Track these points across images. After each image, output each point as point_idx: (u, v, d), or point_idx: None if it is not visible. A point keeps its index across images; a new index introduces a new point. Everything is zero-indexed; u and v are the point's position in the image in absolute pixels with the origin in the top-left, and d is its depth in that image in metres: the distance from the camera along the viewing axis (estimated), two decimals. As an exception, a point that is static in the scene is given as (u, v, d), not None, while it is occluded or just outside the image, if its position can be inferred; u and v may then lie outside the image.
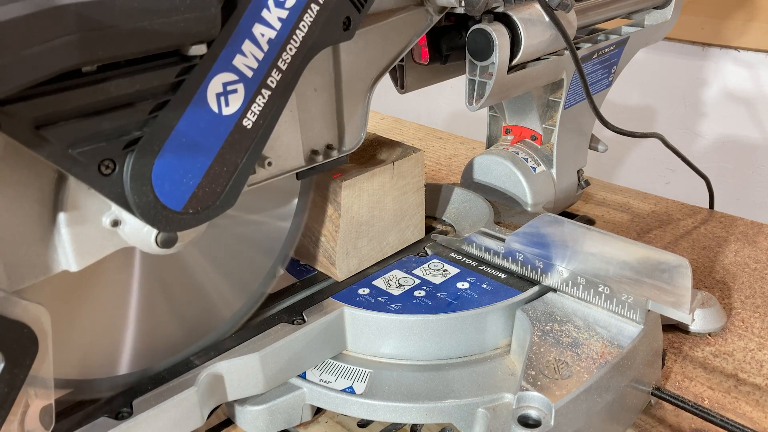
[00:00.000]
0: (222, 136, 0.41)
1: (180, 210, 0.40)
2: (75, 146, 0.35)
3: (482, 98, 0.60)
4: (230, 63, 0.39)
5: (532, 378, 0.48)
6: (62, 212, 0.39)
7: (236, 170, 0.42)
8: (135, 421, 0.45)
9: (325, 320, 0.54)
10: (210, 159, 0.41)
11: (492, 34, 0.58)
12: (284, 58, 0.42)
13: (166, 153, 0.39)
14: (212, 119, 0.40)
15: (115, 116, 0.36)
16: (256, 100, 0.41)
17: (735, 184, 1.08)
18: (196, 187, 0.40)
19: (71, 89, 0.34)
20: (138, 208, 0.38)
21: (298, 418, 0.53)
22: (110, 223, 0.40)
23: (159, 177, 0.39)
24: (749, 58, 1.02)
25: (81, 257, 0.40)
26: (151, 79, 0.36)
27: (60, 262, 0.40)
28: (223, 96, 0.40)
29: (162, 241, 0.41)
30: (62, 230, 0.39)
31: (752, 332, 0.65)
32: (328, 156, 0.53)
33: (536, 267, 0.58)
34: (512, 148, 0.73)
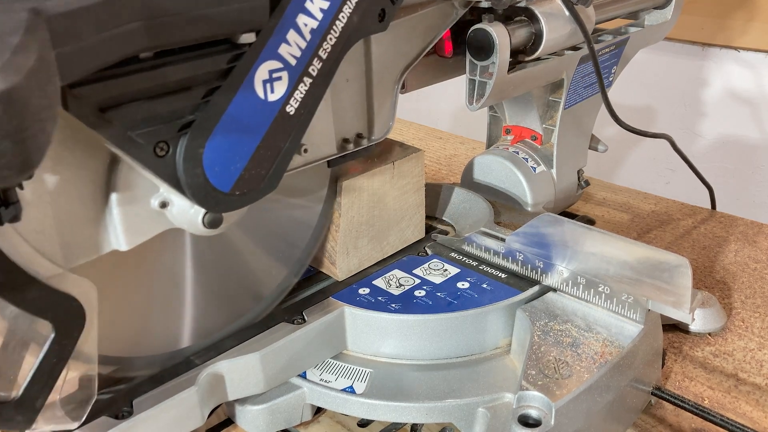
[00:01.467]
0: (267, 121, 0.42)
1: (228, 191, 0.42)
2: (134, 128, 0.37)
3: (482, 98, 0.60)
4: (276, 51, 0.41)
5: (533, 377, 0.48)
6: (114, 193, 0.40)
7: (279, 154, 0.44)
8: (135, 420, 0.45)
9: (325, 320, 0.54)
10: (256, 143, 0.42)
11: (492, 34, 0.58)
12: (325, 48, 0.43)
13: (217, 136, 0.40)
14: (258, 105, 0.41)
15: (172, 100, 0.38)
16: (298, 87, 0.43)
17: (735, 184, 1.08)
18: (243, 170, 0.42)
19: (133, 74, 0.36)
20: (189, 188, 0.40)
21: (298, 418, 0.53)
22: (158, 205, 0.42)
23: (209, 159, 0.40)
24: (749, 58, 1.02)
25: (130, 237, 0.42)
26: (205, 65, 0.38)
27: (110, 241, 0.42)
28: (269, 83, 0.41)
29: (209, 221, 0.43)
30: (114, 211, 0.41)
31: (752, 332, 0.65)
32: (359, 144, 0.55)
33: (536, 267, 0.58)
34: (512, 148, 0.73)
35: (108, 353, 0.47)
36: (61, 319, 0.37)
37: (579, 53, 0.68)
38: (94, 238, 0.41)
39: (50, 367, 0.38)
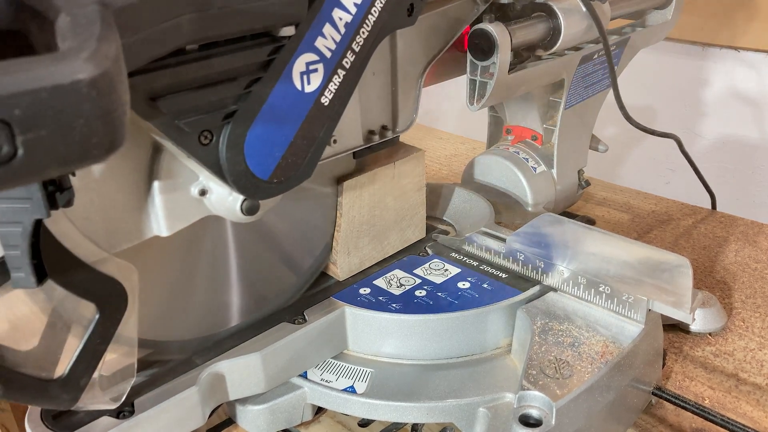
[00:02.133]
0: (304, 111, 0.44)
1: (266, 179, 0.44)
2: (181, 117, 0.39)
3: (483, 98, 0.61)
4: (313, 44, 0.43)
5: (533, 377, 0.48)
6: (157, 181, 0.42)
7: (314, 144, 0.45)
8: (136, 420, 0.45)
9: (326, 320, 0.54)
10: (293, 132, 0.44)
11: (493, 34, 0.58)
12: (357, 41, 0.45)
13: (257, 125, 0.42)
14: (296, 96, 0.43)
15: (216, 90, 0.40)
16: (332, 79, 0.45)
17: (735, 184, 1.08)
18: (281, 158, 0.44)
19: (181, 65, 0.37)
20: (231, 176, 0.42)
21: (299, 418, 0.54)
22: (198, 192, 0.44)
23: (250, 147, 0.42)
24: (749, 58, 1.02)
25: (171, 223, 0.43)
26: (248, 56, 0.40)
27: (152, 227, 0.43)
28: (305, 74, 0.43)
29: (247, 208, 0.45)
30: (156, 198, 0.42)
31: (752, 332, 0.65)
32: (384, 136, 0.57)
33: (537, 267, 0.58)
34: (513, 148, 0.73)
35: (144, 336, 0.48)
36: (105, 302, 0.39)
37: (579, 53, 0.69)
38: (136, 224, 0.43)
39: (94, 348, 0.39)
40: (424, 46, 0.57)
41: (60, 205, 0.32)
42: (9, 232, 0.32)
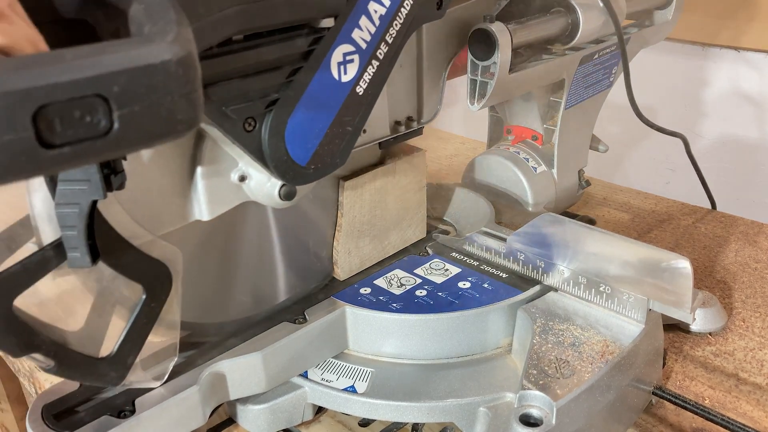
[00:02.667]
0: (340, 100, 0.45)
1: (304, 165, 0.45)
2: (228, 104, 0.40)
3: (484, 98, 0.61)
4: (350, 36, 0.44)
5: (534, 377, 0.48)
6: (199, 167, 0.44)
7: (349, 132, 0.47)
8: (137, 419, 0.45)
9: (326, 319, 0.54)
10: (330, 120, 0.45)
11: (494, 34, 0.58)
12: (391, 33, 0.47)
13: (297, 113, 0.44)
14: (333, 85, 0.45)
15: (261, 79, 0.41)
16: (367, 69, 0.46)
17: (735, 184, 1.08)
18: (318, 146, 0.45)
19: (229, 54, 0.39)
20: (272, 161, 0.43)
21: (299, 417, 0.54)
22: (238, 178, 0.46)
23: (290, 134, 0.44)
24: (750, 58, 1.02)
25: (212, 208, 0.45)
26: (290, 47, 0.42)
27: (194, 211, 0.45)
28: (342, 65, 0.45)
29: (285, 194, 0.46)
30: (198, 183, 0.44)
31: (753, 332, 0.65)
32: (409, 127, 0.58)
33: (537, 266, 0.58)
34: (513, 148, 0.73)
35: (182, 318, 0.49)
36: (151, 283, 0.41)
37: (580, 53, 0.69)
38: (179, 208, 0.44)
39: (140, 328, 0.41)
40: (448, 39, 0.59)
41: (114, 188, 0.33)
42: (67, 213, 0.33)
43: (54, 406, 0.46)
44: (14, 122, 0.22)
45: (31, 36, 0.27)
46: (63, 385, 0.49)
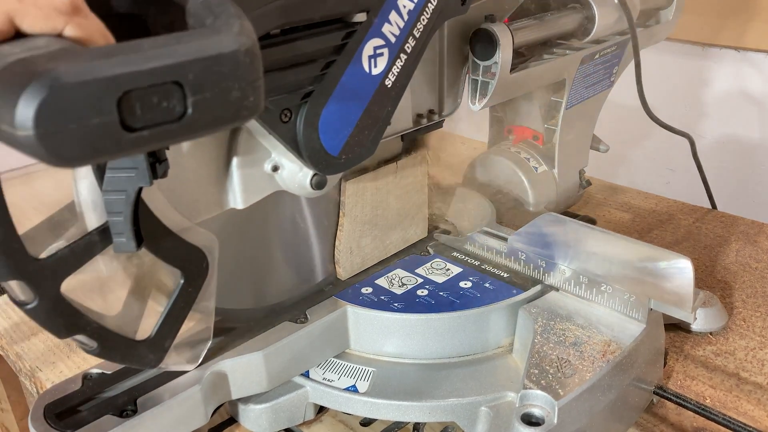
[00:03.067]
0: (370, 92, 0.47)
1: (336, 155, 0.47)
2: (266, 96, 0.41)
3: (485, 98, 0.61)
4: (380, 30, 0.46)
5: (535, 376, 0.48)
6: (235, 157, 0.45)
7: (377, 123, 0.48)
8: (139, 419, 0.45)
9: (328, 319, 0.54)
10: (360, 112, 0.47)
11: (496, 34, 0.58)
12: (418, 27, 0.48)
13: (331, 105, 0.45)
14: (364, 78, 0.46)
15: (298, 71, 0.42)
16: (396, 63, 0.48)
17: (735, 184, 1.08)
18: (349, 136, 0.47)
19: (269, 47, 0.40)
20: (306, 151, 0.45)
21: (301, 417, 0.54)
22: (271, 168, 0.47)
23: (324, 125, 0.45)
24: (750, 58, 1.02)
25: (246, 197, 0.47)
26: (326, 41, 0.43)
27: (229, 200, 0.47)
28: (373, 58, 0.46)
29: (316, 183, 0.48)
30: (234, 173, 0.46)
31: (753, 331, 0.65)
32: (431, 119, 0.60)
33: (539, 266, 0.58)
34: (514, 148, 0.73)
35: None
36: (189, 268, 0.42)
37: (580, 54, 0.69)
38: (216, 196, 0.46)
39: (178, 312, 0.42)
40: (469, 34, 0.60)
41: (159, 175, 0.35)
42: (114, 199, 0.35)
43: (56, 405, 0.46)
44: (101, 106, 0.24)
45: (102, 29, 0.28)
46: (65, 384, 0.49)
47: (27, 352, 0.66)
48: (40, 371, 0.63)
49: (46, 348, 0.66)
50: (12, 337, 0.68)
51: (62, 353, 0.65)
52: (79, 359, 0.64)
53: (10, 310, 0.73)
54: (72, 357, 0.64)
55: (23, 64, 0.24)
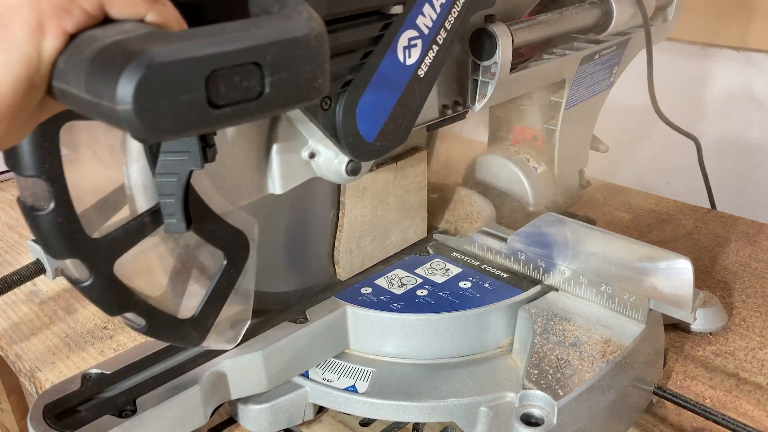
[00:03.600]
0: (404, 82, 0.49)
1: (371, 142, 0.48)
2: None
3: (485, 98, 0.60)
4: (414, 21, 0.48)
5: (535, 377, 0.48)
6: (275, 144, 0.47)
7: (410, 112, 0.50)
8: (139, 419, 0.45)
9: (327, 319, 0.54)
10: (395, 100, 0.49)
11: (495, 34, 0.58)
12: (450, 20, 0.50)
13: (368, 94, 0.47)
14: (399, 68, 0.48)
15: (339, 61, 0.44)
16: (428, 53, 0.49)
17: (735, 184, 1.08)
18: (384, 124, 0.49)
19: None
20: (344, 138, 0.47)
21: (300, 417, 0.54)
22: (308, 155, 0.49)
23: (361, 113, 0.47)
24: (750, 58, 1.02)
25: (285, 182, 0.49)
26: (365, 31, 0.44)
27: (268, 186, 0.48)
28: (407, 49, 0.48)
29: (351, 169, 0.49)
30: (273, 159, 0.47)
31: (753, 331, 0.65)
32: (456, 110, 0.60)
33: (538, 266, 0.58)
34: (514, 148, 0.73)
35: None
36: (232, 250, 0.44)
37: (580, 54, 0.69)
38: (256, 182, 0.48)
39: (220, 292, 0.44)
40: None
41: (209, 159, 0.37)
42: (167, 182, 0.37)
43: (55, 405, 0.46)
44: (191, 84, 0.26)
45: (177, 16, 0.31)
46: (64, 384, 0.49)
47: (26, 352, 0.66)
48: (39, 371, 0.63)
49: (46, 348, 0.66)
50: (11, 338, 0.68)
51: (62, 353, 0.65)
52: (78, 359, 0.64)
53: (10, 310, 0.73)
54: (71, 357, 0.64)
55: (120, 46, 0.26)
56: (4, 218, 0.95)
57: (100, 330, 0.68)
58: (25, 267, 0.64)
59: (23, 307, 0.73)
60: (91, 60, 0.26)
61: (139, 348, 0.52)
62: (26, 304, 0.74)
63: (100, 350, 0.65)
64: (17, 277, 0.64)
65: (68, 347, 0.66)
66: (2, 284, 0.63)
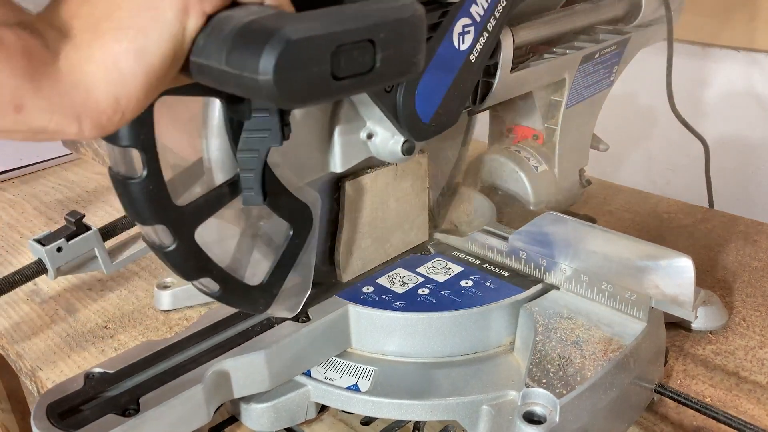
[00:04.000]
0: (457, 66, 0.52)
1: (427, 122, 0.52)
2: None
3: (485, 98, 0.61)
4: (468, 10, 0.51)
5: (537, 375, 0.48)
6: (337, 126, 0.51)
7: (461, 95, 0.54)
8: (142, 418, 0.45)
9: (329, 318, 0.54)
10: (449, 83, 0.52)
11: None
12: (499, 8, 0.53)
13: (426, 77, 0.50)
14: (453, 53, 0.51)
15: None
16: (479, 39, 0.53)
17: (735, 184, 1.08)
18: (439, 106, 0.52)
19: None
20: (404, 118, 0.50)
21: (302, 416, 0.54)
22: (366, 136, 0.52)
23: (419, 96, 0.50)
24: (749, 58, 1.02)
25: (344, 161, 0.52)
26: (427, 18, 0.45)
27: (329, 164, 0.52)
28: (462, 35, 0.51)
29: (406, 149, 0.52)
30: (335, 139, 0.51)
31: (753, 330, 0.65)
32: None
33: (540, 265, 0.58)
34: (514, 147, 0.73)
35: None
36: (297, 222, 0.47)
37: (581, 53, 0.69)
38: (319, 160, 0.51)
39: (286, 261, 0.47)
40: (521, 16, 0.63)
41: (286, 137, 0.39)
42: (248, 158, 0.40)
43: (58, 404, 0.46)
44: (320, 58, 0.29)
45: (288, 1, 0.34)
46: (67, 383, 0.49)
47: (27, 351, 0.66)
48: (40, 371, 0.63)
49: (47, 347, 0.66)
50: (12, 337, 0.68)
51: (62, 353, 0.65)
52: (79, 359, 0.64)
53: (11, 309, 0.73)
54: (72, 356, 0.64)
55: (259, 24, 0.29)
56: (5, 218, 0.94)
57: (101, 329, 0.68)
58: (27, 267, 0.64)
59: (24, 307, 0.73)
60: (233, 37, 0.29)
61: (142, 347, 0.52)
62: (27, 303, 0.74)
63: (101, 349, 0.65)
64: (18, 277, 0.64)
65: (69, 346, 0.66)
66: (3, 284, 0.63)
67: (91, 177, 1.07)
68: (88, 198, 1.00)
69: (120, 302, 0.73)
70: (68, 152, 1.13)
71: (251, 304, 0.47)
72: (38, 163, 1.11)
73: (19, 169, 1.09)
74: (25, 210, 0.96)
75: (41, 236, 0.64)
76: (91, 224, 0.67)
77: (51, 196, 1.01)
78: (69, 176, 1.08)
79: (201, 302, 0.71)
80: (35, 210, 0.96)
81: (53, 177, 1.08)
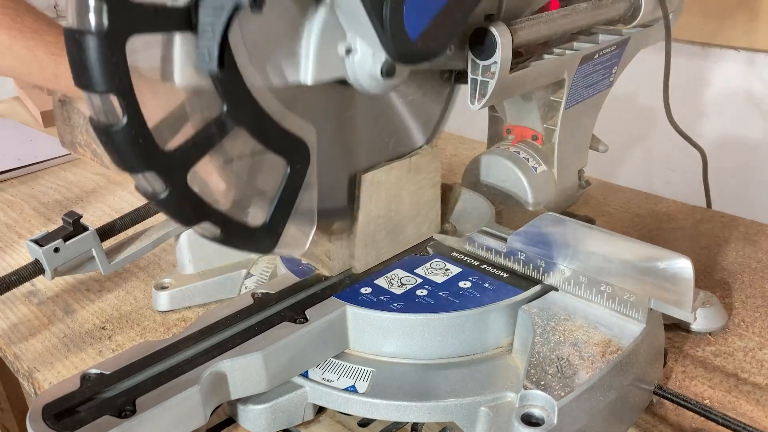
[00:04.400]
0: None
1: (414, 40, 0.47)
2: None
3: (484, 98, 0.60)
4: None
5: (535, 377, 0.48)
6: (314, 32, 0.46)
7: (453, 21, 0.50)
8: (138, 419, 0.45)
9: (327, 319, 0.54)
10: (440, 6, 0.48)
11: (495, 34, 0.58)
12: None
13: None
14: None
15: None
16: None
17: (735, 184, 1.08)
18: (428, 24, 0.48)
19: None
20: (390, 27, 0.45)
21: (300, 417, 0.53)
22: (344, 51, 0.48)
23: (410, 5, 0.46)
24: (750, 58, 1.02)
25: (317, 73, 0.47)
26: None
27: (300, 73, 0.47)
28: None
29: (387, 70, 0.48)
30: (311, 46, 0.47)
31: (753, 332, 0.65)
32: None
33: (538, 266, 0.58)
34: (513, 147, 0.73)
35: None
36: (293, 157, 0.45)
37: (580, 53, 0.69)
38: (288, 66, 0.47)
39: (287, 198, 0.46)
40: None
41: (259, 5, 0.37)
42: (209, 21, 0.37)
43: (54, 406, 0.46)
44: None
45: None
46: (63, 385, 0.49)
47: (25, 352, 0.65)
48: (38, 372, 0.62)
49: (44, 349, 0.66)
50: (10, 338, 0.68)
51: (60, 354, 0.65)
52: (77, 360, 0.64)
53: (8, 310, 0.73)
54: (70, 358, 0.64)
55: None
56: (3, 218, 0.94)
57: (98, 330, 0.68)
58: (24, 267, 0.64)
59: (22, 308, 0.73)
60: None
61: (138, 348, 0.52)
62: (25, 304, 0.74)
63: (99, 350, 0.65)
64: (16, 278, 0.64)
65: (66, 348, 0.66)
66: (1, 284, 0.63)
67: (90, 177, 1.07)
68: (86, 198, 1.00)
69: (118, 303, 0.73)
70: (66, 153, 1.13)
71: (256, 245, 0.46)
72: (37, 163, 1.11)
73: (17, 169, 1.09)
74: (24, 210, 0.96)
75: (38, 237, 0.64)
76: (88, 225, 0.66)
77: (49, 196, 1.01)
78: (67, 176, 1.08)
79: (199, 303, 0.71)
80: (33, 210, 0.96)
81: (51, 177, 1.08)
